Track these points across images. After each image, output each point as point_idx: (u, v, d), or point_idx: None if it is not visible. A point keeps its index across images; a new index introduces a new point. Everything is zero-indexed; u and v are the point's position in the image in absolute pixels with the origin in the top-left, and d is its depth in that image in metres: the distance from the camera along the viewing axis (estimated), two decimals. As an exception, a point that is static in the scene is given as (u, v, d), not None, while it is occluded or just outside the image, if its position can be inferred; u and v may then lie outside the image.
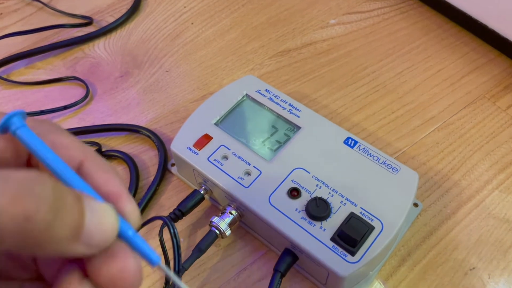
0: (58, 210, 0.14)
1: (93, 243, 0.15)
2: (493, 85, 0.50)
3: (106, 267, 0.16)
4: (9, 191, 0.13)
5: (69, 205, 0.15)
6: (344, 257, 0.33)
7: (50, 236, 0.14)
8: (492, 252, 0.38)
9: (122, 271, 0.16)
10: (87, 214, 0.15)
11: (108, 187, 0.17)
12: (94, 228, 0.15)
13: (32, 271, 0.19)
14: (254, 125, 0.41)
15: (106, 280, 0.16)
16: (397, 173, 0.37)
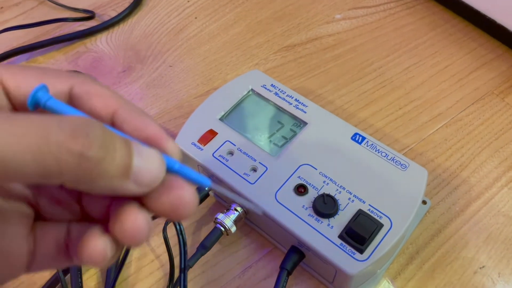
0: (108, 148, 0.16)
1: (143, 182, 0.17)
2: (502, 81, 0.49)
3: (166, 196, 0.18)
4: (67, 128, 0.15)
5: (118, 145, 0.16)
6: (352, 255, 0.32)
7: (101, 172, 0.16)
8: (502, 250, 0.38)
9: (181, 198, 0.18)
10: (135, 155, 0.17)
11: (147, 130, 0.19)
12: (143, 167, 0.17)
13: (77, 212, 0.21)
14: (260, 120, 0.41)
15: (167, 207, 0.18)
16: (406, 169, 0.36)
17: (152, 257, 0.39)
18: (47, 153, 0.15)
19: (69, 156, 0.15)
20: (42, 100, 0.18)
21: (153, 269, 0.38)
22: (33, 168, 0.15)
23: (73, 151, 0.15)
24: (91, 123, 0.16)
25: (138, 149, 0.17)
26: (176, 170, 0.19)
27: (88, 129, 0.16)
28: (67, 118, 0.16)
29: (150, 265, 0.38)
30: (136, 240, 0.18)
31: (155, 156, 0.18)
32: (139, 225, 0.18)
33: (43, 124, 0.15)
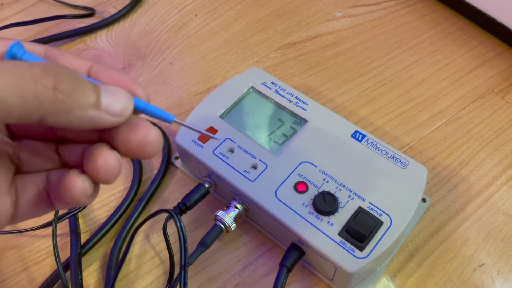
0: (77, 83, 0.18)
1: (114, 111, 0.19)
2: (502, 80, 0.49)
3: (133, 136, 0.20)
4: (39, 67, 0.17)
5: (85, 82, 0.19)
6: (352, 252, 0.32)
7: (74, 103, 0.18)
8: (502, 248, 0.38)
9: (147, 136, 0.20)
10: (102, 90, 0.19)
11: (117, 80, 0.21)
12: (111, 98, 0.19)
13: (56, 161, 0.23)
14: (260, 118, 0.41)
15: (134, 146, 0.20)
16: (406, 167, 0.36)
17: (152, 254, 0.39)
18: (26, 89, 0.17)
19: (44, 90, 0.17)
20: (18, 54, 0.20)
21: (153, 266, 0.38)
22: (16, 103, 0.17)
23: (47, 85, 0.17)
24: (57, 66, 0.18)
25: (105, 88, 0.20)
26: (142, 107, 0.21)
27: (56, 68, 0.18)
28: (37, 62, 0.18)
29: (150, 262, 0.38)
30: (109, 176, 0.20)
31: (121, 91, 0.20)
32: (111, 162, 0.20)
33: (18, 65, 0.17)
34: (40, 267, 0.39)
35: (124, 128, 0.20)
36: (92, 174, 0.20)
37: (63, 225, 0.40)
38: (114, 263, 0.37)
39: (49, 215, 0.41)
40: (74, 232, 0.39)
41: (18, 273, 0.38)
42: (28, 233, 0.41)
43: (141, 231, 0.40)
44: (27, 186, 0.22)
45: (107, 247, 0.39)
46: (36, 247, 0.40)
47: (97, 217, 0.41)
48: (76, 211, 0.39)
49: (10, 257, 0.39)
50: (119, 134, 0.21)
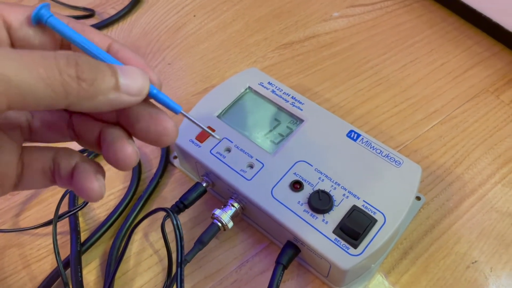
0: (97, 70, 0.19)
1: (133, 91, 0.21)
2: (497, 79, 0.50)
3: (153, 127, 0.22)
4: (63, 59, 0.18)
5: (103, 67, 0.20)
6: (346, 250, 0.33)
7: (97, 89, 0.19)
8: (495, 245, 0.38)
9: (166, 129, 0.22)
10: (119, 73, 0.20)
11: (133, 63, 0.22)
12: (129, 79, 0.21)
13: (67, 135, 0.25)
14: (257, 118, 0.41)
15: (153, 136, 0.22)
16: (400, 166, 0.37)
17: (151, 252, 0.39)
18: (54, 80, 0.18)
19: (70, 80, 0.18)
20: (45, 17, 0.21)
21: (152, 263, 0.39)
22: (47, 95, 0.18)
23: (72, 75, 0.18)
24: (76, 54, 0.19)
25: (121, 69, 0.21)
26: (154, 93, 0.22)
27: (76, 58, 0.19)
28: (58, 51, 0.19)
29: (149, 260, 0.39)
30: (128, 167, 0.22)
31: (137, 70, 0.21)
32: (131, 156, 0.22)
33: (46, 57, 0.18)
34: (41, 264, 0.39)
35: (145, 119, 0.22)
36: (111, 163, 0.22)
37: (63, 223, 0.41)
38: (114, 261, 0.38)
39: (50, 214, 0.41)
40: (74, 231, 0.39)
41: (20, 270, 0.39)
42: (29, 232, 0.41)
43: (140, 229, 0.41)
44: (33, 162, 0.24)
45: (106, 245, 0.40)
46: (37, 245, 0.41)
47: (96, 215, 0.42)
48: (76, 209, 0.40)
49: (12, 255, 0.40)
50: (140, 123, 0.22)
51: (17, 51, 0.18)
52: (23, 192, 0.44)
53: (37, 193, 0.44)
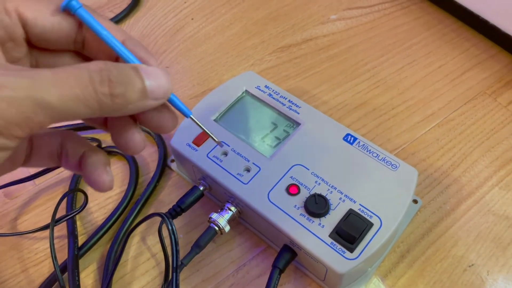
0: (127, 83, 0.21)
1: (159, 96, 0.22)
2: (494, 81, 0.50)
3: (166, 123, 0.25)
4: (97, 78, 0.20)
5: (132, 77, 0.21)
6: (342, 253, 0.33)
7: (127, 101, 0.21)
8: (492, 249, 0.38)
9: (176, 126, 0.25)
10: (145, 78, 0.22)
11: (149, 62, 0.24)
12: (155, 86, 0.22)
13: None
14: (254, 121, 0.41)
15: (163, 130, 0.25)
16: (396, 169, 0.37)
17: (148, 256, 0.40)
18: (90, 99, 0.20)
19: (104, 97, 0.20)
20: (75, 7, 0.22)
21: (149, 267, 0.39)
22: (84, 111, 0.20)
23: (105, 93, 0.20)
24: (109, 67, 0.21)
25: (146, 71, 0.22)
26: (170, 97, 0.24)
27: (108, 74, 0.20)
28: (92, 66, 0.20)
29: (146, 264, 0.39)
30: (137, 152, 0.25)
31: (162, 75, 0.23)
32: (140, 145, 0.24)
33: (80, 77, 0.20)
34: (39, 268, 0.40)
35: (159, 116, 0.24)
36: (121, 148, 0.25)
37: (62, 227, 0.41)
38: (111, 265, 0.38)
39: (48, 218, 0.42)
40: (72, 234, 0.39)
41: (18, 274, 0.39)
42: (27, 235, 0.41)
43: (138, 232, 0.41)
44: (42, 146, 0.25)
45: (104, 249, 0.40)
46: (35, 249, 0.41)
47: (94, 219, 0.42)
48: (74, 213, 0.40)
49: (10, 259, 0.40)
50: (153, 119, 0.24)
51: (54, 75, 0.19)
52: (21, 196, 0.44)
53: (35, 197, 0.44)
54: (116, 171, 0.45)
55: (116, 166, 0.45)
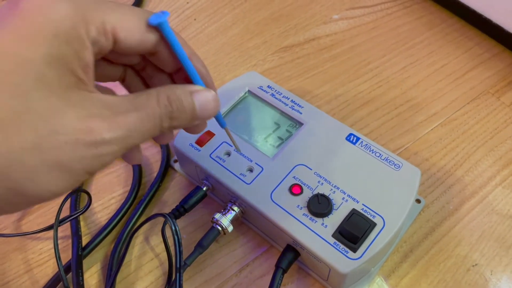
0: (183, 113, 0.25)
1: (204, 118, 0.27)
2: (497, 80, 0.50)
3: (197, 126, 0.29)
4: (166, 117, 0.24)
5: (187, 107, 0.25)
6: (345, 253, 0.33)
7: (181, 123, 0.25)
8: (495, 248, 0.38)
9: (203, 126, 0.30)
10: (197, 107, 0.26)
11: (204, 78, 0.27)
12: (204, 112, 0.26)
13: None
14: (256, 121, 0.41)
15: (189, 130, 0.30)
16: (399, 169, 0.37)
17: (151, 256, 0.40)
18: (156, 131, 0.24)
19: (165, 129, 0.24)
20: (164, 24, 0.24)
21: (153, 267, 0.39)
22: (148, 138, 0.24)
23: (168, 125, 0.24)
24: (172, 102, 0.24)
25: (199, 100, 0.26)
26: None
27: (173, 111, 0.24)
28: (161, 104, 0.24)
29: (149, 264, 0.39)
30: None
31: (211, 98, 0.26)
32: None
33: (152, 116, 0.23)
34: (43, 269, 0.40)
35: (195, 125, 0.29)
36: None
37: (65, 227, 0.41)
38: (115, 265, 0.38)
39: (52, 218, 0.42)
40: (76, 235, 0.40)
41: (22, 275, 0.40)
42: (32, 236, 0.42)
43: (141, 232, 0.41)
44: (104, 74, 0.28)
45: (107, 249, 0.40)
46: (39, 249, 0.41)
47: (98, 219, 0.42)
48: (78, 214, 0.40)
49: (14, 259, 0.40)
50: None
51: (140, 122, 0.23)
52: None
53: (39, 197, 0.44)
54: (119, 171, 0.45)
55: (119, 166, 0.45)
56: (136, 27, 0.24)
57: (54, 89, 0.20)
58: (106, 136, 0.21)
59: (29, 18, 0.20)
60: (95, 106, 0.21)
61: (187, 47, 0.26)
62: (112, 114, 0.22)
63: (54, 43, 0.20)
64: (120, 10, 0.23)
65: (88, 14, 0.22)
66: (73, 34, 0.21)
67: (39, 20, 0.20)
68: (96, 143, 0.21)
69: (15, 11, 0.20)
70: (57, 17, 0.21)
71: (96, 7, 0.22)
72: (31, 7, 0.20)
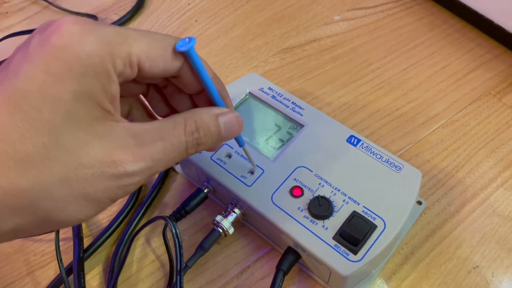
0: (208, 137, 0.27)
1: (230, 138, 0.29)
2: (499, 82, 0.49)
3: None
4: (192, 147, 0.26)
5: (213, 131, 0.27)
6: (346, 256, 0.33)
7: (207, 146, 0.27)
8: (496, 250, 0.38)
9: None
10: (222, 128, 0.27)
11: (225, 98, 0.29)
12: (228, 134, 0.28)
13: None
14: (257, 123, 0.41)
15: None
16: (400, 171, 0.37)
17: (153, 257, 0.40)
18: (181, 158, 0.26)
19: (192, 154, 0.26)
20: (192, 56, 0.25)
21: (154, 269, 0.39)
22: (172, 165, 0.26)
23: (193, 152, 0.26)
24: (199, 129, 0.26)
25: (225, 123, 0.27)
26: None
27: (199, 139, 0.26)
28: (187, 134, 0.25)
29: (151, 265, 0.39)
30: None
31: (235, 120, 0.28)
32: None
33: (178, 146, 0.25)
34: (45, 270, 0.40)
35: None
36: None
37: (67, 229, 0.41)
38: (116, 267, 0.38)
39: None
40: (77, 237, 0.40)
41: (24, 276, 0.40)
42: (33, 238, 0.42)
43: (142, 234, 0.41)
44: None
45: (109, 251, 0.40)
46: (41, 251, 0.41)
47: (99, 221, 0.42)
48: (79, 216, 0.40)
49: (16, 261, 0.41)
50: None
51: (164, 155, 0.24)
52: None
53: (40, 199, 0.44)
54: (121, 173, 0.45)
55: (120, 168, 0.45)
56: (161, 56, 0.24)
57: (82, 124, 0.21)
58: (129, 169, 0.22)
59: (60, 56, 0.21)
60: (121, 136, 0.23)
61: (210, 70, 0.27)
62: (136, 144, 0.23)
63: (83, 80, 0.21)
64: (144, 40, 0.23)
65: (115, 48, 0.22)
66: (101, 69, 0.22)
67: (69, 58, 0.21)
68: (120, 175, 0.22)
69: (46, 47, 0.21)
70: (86, 54, 0.21)
71: (122, 40, 0.22)
72: (61, 44, 0.21)
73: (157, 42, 0.24)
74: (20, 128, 0.20)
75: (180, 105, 0.30)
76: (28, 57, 0.21)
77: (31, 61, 0.21)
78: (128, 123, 0.24)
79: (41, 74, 0.20)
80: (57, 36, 0.21)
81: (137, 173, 0.23)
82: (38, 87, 0.20)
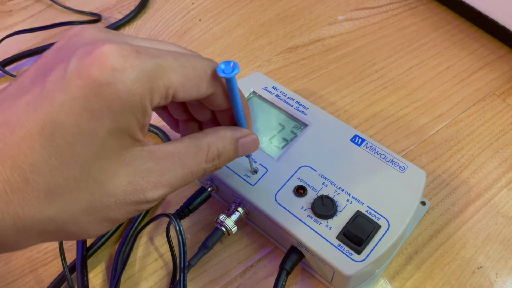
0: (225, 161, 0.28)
1: (246, 154, 0.30)
2: (503, 82, 0.49)
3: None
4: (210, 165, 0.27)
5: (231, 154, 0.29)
6: (349, 255, 0.33)
7: (225, 161, 0.28)
8: (500, 251, 0.38)
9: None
10: (240, 149, 0.29)
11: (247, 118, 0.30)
12: (244, 153, 0.30)
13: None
14: (261, 122, 0.41)
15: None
16: (404, 171, 0.37)
17: (156, 256, 0.40)
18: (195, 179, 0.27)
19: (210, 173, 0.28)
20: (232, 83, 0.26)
21: (157, 267, 0.39)
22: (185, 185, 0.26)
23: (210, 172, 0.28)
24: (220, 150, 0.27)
25: (243, 144, 0.29)
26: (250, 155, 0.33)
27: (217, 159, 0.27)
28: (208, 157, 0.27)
29: (154, 264, 0.39)
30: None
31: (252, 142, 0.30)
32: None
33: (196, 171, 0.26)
34: (48, 268, 0.40)
35: None
36: None
37: (70, 227, 0.41)
38: (119, 265, 0.38)
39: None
40: (80, 235, 0.40)
41: (27, 274, 0.40)
42: (36, 236, 0.42)
43: (146, 233, 0.41)
44: None
45: (112, 249, 0.40)
46: (44, 248, 0.41)
47: (102, 220, 0.42)
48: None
49: (19, 259, 0.41)
50: None
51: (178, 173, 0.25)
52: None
53: (44, 197, 0.44)
54: (124, 171, 0.45)
55: (124, 166, 0.45)
56: (195, 86, 0.24)
57: (112, 155, 0.22)
58: (149, 197, 0.24)
59: (100, 94, 0.20)
60: (145, 161, 0.24)
61: (240, 92, 0.28)
62: (158, 172, 0.24)
63: (119, 117, 0.21)
64: (183, 71, 0.23)
65: (154, 83, 0.22)
66: (139, 107, 0.22)
67: (109, 96, 0.20)
68: (140, 202, 0.24)
69: (86, 80, 0.20)
70: (127, 94, 0.21)
71: (162, 73, 0.22)
72: (102, 80, 0.20)
73: (194, 71, 0.24)
74: (53, 161, 0.20)
75: (200, 115, 0.30)
76: (66, 86, 0.20)
77: (69, 93, 0.20)
78: (152, 146, 0.24)
79: (78, 109, 0.20)
80: (99, 71, 0.20)
81: (155, 199, 0.25)
82: (74, 122, 0.20)
